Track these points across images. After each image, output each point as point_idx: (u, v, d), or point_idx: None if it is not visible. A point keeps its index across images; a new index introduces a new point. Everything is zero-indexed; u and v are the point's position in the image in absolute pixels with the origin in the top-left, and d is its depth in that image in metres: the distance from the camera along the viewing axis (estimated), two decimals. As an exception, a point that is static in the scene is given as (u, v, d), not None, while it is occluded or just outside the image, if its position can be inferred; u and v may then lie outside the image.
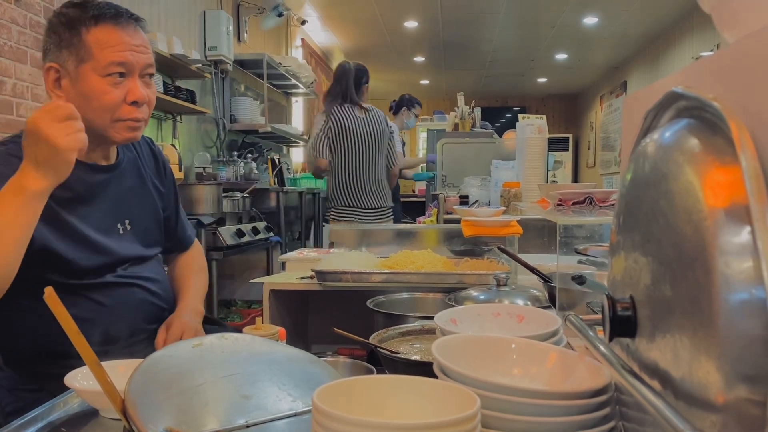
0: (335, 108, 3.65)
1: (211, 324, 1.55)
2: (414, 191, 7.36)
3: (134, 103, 1.29)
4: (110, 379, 0.74)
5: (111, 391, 0.73)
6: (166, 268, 1.58)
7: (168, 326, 1.35)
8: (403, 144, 4.73)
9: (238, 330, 1.46)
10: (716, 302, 0.43)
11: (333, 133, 3.61)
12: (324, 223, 5.97)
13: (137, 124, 1.32)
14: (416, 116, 5.08)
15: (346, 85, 3.69)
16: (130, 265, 1.37)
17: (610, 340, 0.59)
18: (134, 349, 1.29)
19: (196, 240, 1.69)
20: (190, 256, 1.64)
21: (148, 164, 1.51)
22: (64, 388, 0.97)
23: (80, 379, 0.94)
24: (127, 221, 1.39)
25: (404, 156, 4.54)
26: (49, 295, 0.72)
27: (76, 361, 0.95)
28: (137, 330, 1.35)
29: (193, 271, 1.60)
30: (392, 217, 3.89)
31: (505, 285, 1.35)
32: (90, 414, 0.95)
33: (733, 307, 0.42)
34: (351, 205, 3.67)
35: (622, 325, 0.57)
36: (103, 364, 0.75)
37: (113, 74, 1.26)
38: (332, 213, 3.71)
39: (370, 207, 3.71)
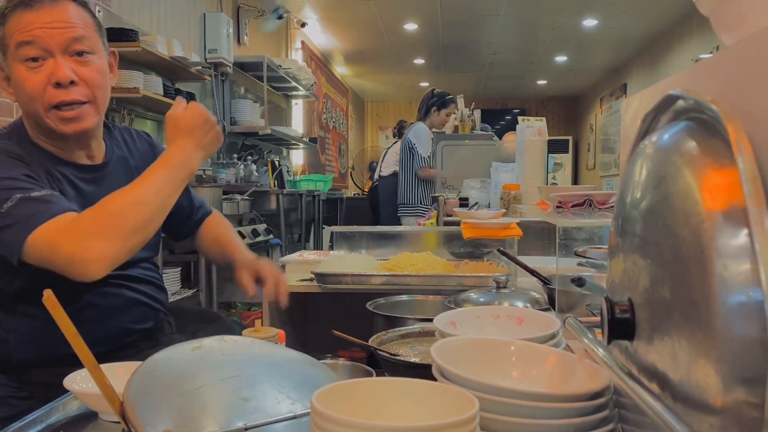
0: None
1: (211, 318, 1.54)
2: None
3: (58, 84, 1.18)
4: (109, 381, 0.74)
5: (110, 394, 0.73)
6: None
7: (254, 272, 1.41)
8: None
9: (239, 325, 1.46)
10: (714, 305, 0.43)
11: None
12: (324, 226, 5.98)
13: (72, 112, 1.20)
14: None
15: (419, 108, 4.71)
16: (119, 267, 1.35)
17: (609, 342, 0.59)
18: (125, 351, 1.28)
19: (214, 210, 1.66)
20: (213, 220, 1.61)
21: (144, 161, 1.44)
22: (56, 396, 0.97)
23: (79, 382, 0.94)
24: None
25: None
26: (48, 297, 0.72)
27: (69, 369, 0.95)
28: (127, 331, 1.34)
29: (224, 228, 1.60)
30: (402, 213, 4.73)
31: (504, 287, 1.35)
32: (89, 417, 0.95)
33: (731, 309, 0.42)
34: None
35: (621, 327, 0.57)
36: (102, 366, 0.75)
37: (27, 57, 1.17)
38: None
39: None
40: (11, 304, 1.26)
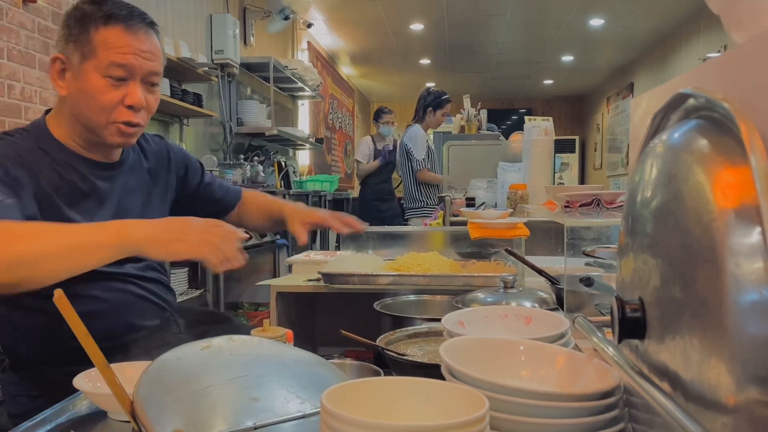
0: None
1: (220, 319, 1.55)
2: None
3: (131, 107, 1.27)
4: (119, 381, 0.74)
5: (120, 393, 0.73)
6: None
7: (306, 221, 1.53)
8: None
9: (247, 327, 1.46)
10: (726, 303, 0.43)
11: None
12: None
13: (131, 129, 1.29)
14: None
15: (416, 108, 4.67)
16: (129, 263, 1.35)
17: (619, 341, 0.59)
18: (131, 349, 1.29)
19: (244, 189, 1.74)
20: (247, 197, 1.69)
21: (158, 161, 1.49)
22: (65, 395, 0.98)
23: (88, 381, 0.94)
24: None
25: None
26: (59, 297, 0.72)
27: (78, 367, 0.95)
28: (133, 327, 1.34)
29: (261, 197, 1.70)
30: (408, 215, 4.69)
31: (512, 287, 1.35)
32: (98, 416, 0.95)
33: (743, 308, 0.42)
34: None
35: (632, 326, 0.57)
36: (111, 366, 0.75)
37: (114, 76, 1.24)
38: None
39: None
40: (18, 299, 1.27)
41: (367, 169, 5.77)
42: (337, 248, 2.46)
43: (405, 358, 1.02)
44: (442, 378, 0.72)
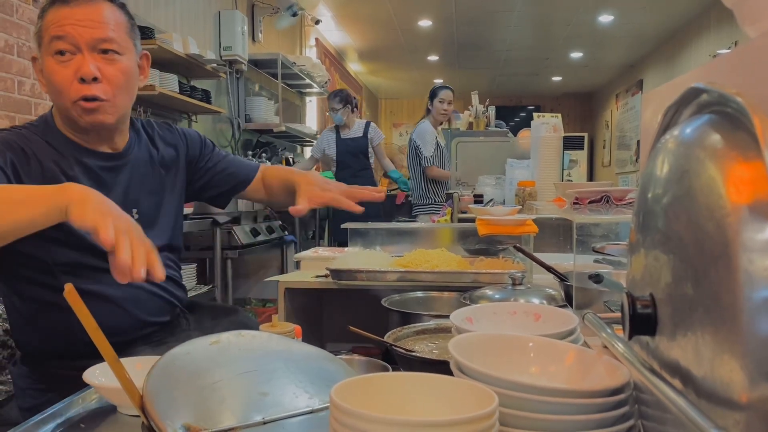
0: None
1: (228, 312, 1.55)
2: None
3: (82, 80, 1.23)
4: (129, 375, 0.74)
5: (130, 388, 0.73)
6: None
7: (314, 201, 1.47)
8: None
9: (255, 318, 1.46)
10: (740, 300, 0.42)
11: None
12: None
13: (92, 104, 1.24)
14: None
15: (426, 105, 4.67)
16: None
17: (630, 338, 0.58)
18: (141, 344, 1.29)
19: (262, 165, 1.67)
20: (269, 170, 1.62)
21: (168, 149, 1.47)
22: (75, 390, 0.98)
23: (98, 376, 0.95)
24: (134, 210, 1.36)
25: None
26: (69, 291, 0.72)
27: (88, 361, 0.96)
28: (143, 323, 1.35)
29: (282, 169, 1.61)
30: (417, 212, 4.62)
31: (520, 284, 1.34)
32: (108, 410, 0.95)
33: (757, 304, 0.41)
34: None
35: (642, 323, 0.57)
36: (121, 360, 0.75)
37: (58, 52, 1.23)
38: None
39: None
40: (32, 292, 1.28)
41: (305, 165, 5.49)
42: (345, 245, 2.45)
43: (413, 354, 1.02)
44: (451, 375, 0.72)
